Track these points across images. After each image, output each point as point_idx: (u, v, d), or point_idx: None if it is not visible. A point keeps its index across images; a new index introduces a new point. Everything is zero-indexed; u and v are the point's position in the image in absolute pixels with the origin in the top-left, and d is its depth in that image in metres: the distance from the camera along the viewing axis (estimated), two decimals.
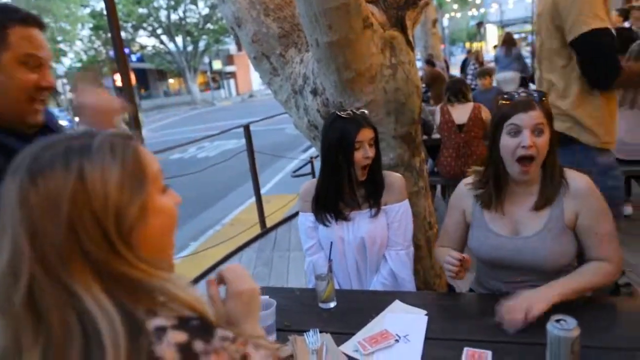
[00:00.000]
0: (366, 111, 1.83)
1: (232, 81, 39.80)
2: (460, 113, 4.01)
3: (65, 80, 24.20)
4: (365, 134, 1.70)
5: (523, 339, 1.28)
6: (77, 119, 1.35)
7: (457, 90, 4.05)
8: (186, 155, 11.72)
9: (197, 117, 22.96)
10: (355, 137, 1.68)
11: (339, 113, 1.74)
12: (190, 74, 31.51)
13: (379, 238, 1.77)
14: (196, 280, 3.84)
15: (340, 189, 1.76)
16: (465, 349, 1.26)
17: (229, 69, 39.03)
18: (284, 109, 2.72)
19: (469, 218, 1.62)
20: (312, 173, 5.33)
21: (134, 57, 31.68)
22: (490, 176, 1.53)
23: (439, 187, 4.78)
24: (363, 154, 1.69)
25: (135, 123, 3.43)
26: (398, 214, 1.79)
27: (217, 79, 38.96)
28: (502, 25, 28.29)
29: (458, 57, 18.19)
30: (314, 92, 2.41)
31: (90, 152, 0.62)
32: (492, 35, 28.71)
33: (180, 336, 0.57)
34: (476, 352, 1.24)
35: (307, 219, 1.87)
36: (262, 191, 4.99)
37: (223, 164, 5.48)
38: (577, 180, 1.47)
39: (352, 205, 1.80)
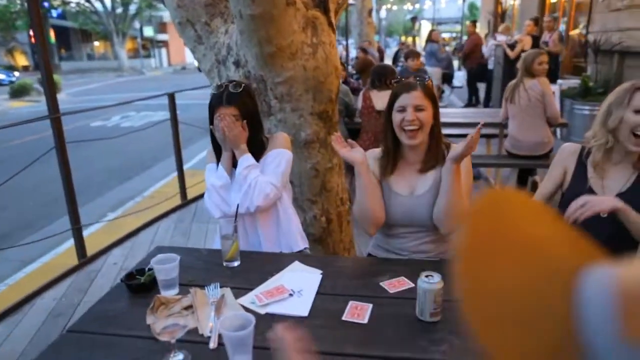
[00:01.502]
0: (243, 84, 1.93)
1: (163, 50, 37.89)
2: (382, 99, 4.18)
3: None
4: (225, 111, 1.85)
5: (397, 296, 1.46)
6: None
7: (381, 75, 4.17)
8: (109, 123, 11.12)
9: (124, 85, 21.73)
10: (216, 112, 1.86)
11: (219, 84, 1.91)
12: (118, 39, 29.57)
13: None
14: (109, 248, 3.76)
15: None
16: (350, 302, 1.41)
17: (161, 37, 37.09)
18: (207, 78, 2.73)
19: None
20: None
21: (54, 13, 29.16)
22: (388, 144, 1.79)
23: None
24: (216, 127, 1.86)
25: (49, 84, 3.26)
26: (270, 157, 1.93)
27: (147, 47, 36.88)
28: (436, 22, 29.41)
29: (393, 49, 18.72)
30: (237, 64, 2.45)
31: None
32: (426, 31, 29.82)
33: None
34: (359, 304, 1.40)
35: (209, 172, 2.00)
36: (189, 165, 4.92)
37: (149, 136, 5.31)
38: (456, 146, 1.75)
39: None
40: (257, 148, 1.94)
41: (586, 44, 7.21)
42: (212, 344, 1.24)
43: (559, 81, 6.84)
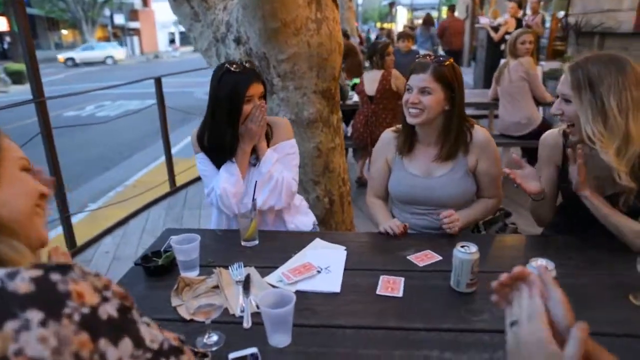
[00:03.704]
0: (256, 65, 1.80)
1: (135, 39, 36.86)
2: (370, 83, 4.13)
3: None
4: (256, 89, 1.71)
5: (426, 269, 1.43)
6: None
7: (374, 52, 4.10)
8: (83, 113, 10.76)
9: (95, 74, 21.07)
10: (246, 92, 1.68)
11: (228, 66, 1.71)
12: (87, 26, 28.61)
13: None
14: (99, 237, 3.64)
15: (225, 137, 1.74)
16: (381, 276, 1.38)
17: (133, 25, 36.05)
18: (203, 58, 2.63)
19: (391, 164, 1.82)
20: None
21: None
22: (404, 123, 1.74)
23: (350, 150, 4.94)
24: (253, 118, 1.70)
25: (33, 68, 3.09)
26: (284, 149, 1.82)
27: (118, 35, 35.81)
28: (412, 8, 29.42)
29: (372, 36, 18.61)
30: (237, 41, 2.37)
31: None
32: (402, 17, 29.80)
33: (35, 272, 0.53)
34: (390, 278, 1.37)
35: (203, 161, 1.83)
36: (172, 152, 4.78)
37: (127, 125, 5.12)
38: (479, 132, 1.72)
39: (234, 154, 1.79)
40: (267, 135, 1.83)
41: (567, 26, 7.31)
42: (246, 324, 1.19)
43: (542, 63, 6.92)
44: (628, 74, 1.36)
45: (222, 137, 1.74)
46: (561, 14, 7.92)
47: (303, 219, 1.95)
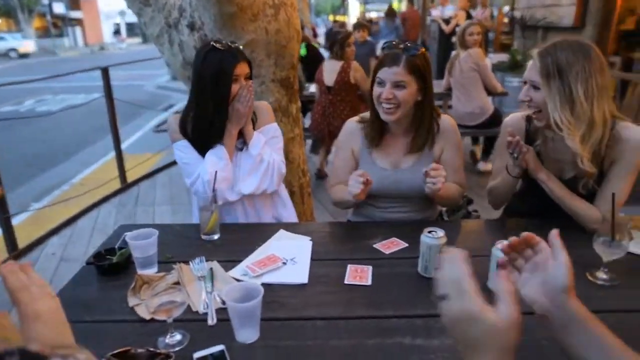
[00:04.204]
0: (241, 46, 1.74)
1: (78, 29, 35.01)
2: (330, 73, 4.10)
3: None
4: (243, 68, 1.64)
5: (393, 256, 1.42)
6: None
7: (334, 43, 4.05)
8: (22, 108, 10.10)
9: (33, 67, 19.86)
10: (234, 70, 1.61)
11: (214, 44, 1.63)
12: (24, 15, 26.89)
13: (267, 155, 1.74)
14: (44, 238, 3.42)
15: (213, 120, 1.67)
16: (349, 265, 1.35)
17: (75, 14, 34.21)
18: (155, 44, 2.50)
19: (357, 155, 1.74)
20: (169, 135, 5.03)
21: None
22: (373, 115, 1.67)
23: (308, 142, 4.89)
24: (240, 98, 1.63)
25: None
26: (268, 133, 1.78)
27: (59, 25, 33.87)
28: (364, 1, 29.61)
29: (322, 30, 18.55)
30: (192, 27, 2.26)
31: None
32: (354, 10, 29.97)
33: None
34: (358, 267, 1.35)
35: (184, 148, 1.74)
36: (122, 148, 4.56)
37: (72, 120, 4.82)
38: (445, 121, 1.70)
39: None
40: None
41: (513, 20, 7.58)
42: (211, 321, 1.13)
43: (490, 55, 7.15)
44: (594, 61, 1.38)
45: (210, 120, 1.65)
46: (506, 8, 8.21)
47: (283, 212, 1.89)
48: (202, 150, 1.70)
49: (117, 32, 39.93)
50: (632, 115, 4.04)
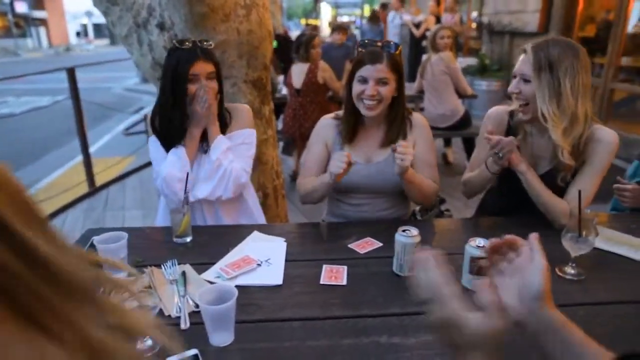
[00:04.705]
0: (212, 44, 1.71)
1: (42, 29, 33.91)
2: (298, 76, 4.10)
3: None
4: (203, 67, 1.61)
5: (368, 256, 1.43)
6: None
7: (300, 45, 4.05)
8: None
9: None
10: (189, 69, 1.59)
11: (176, 42, 1.62)
12: None
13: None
14: None
15: (173, 119, 1.66)
16: (324, 266, 1.35)
17: (38, 14, 33.13)
18: (123, 45, 2.44)
19: (331, 149, 1.76)
20: (147, 131, 4.94)
21: None
22: (348, 113, 1.70)
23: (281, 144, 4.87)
24: (197, 99, 1.61)
25: None
26: (240, 137, 1.75)
27: (21, 25, 32.72)
28: (336, 5, 29.83)
29: (294, 33, 18.54)
30: (161, 27, 2.22)
31: None
32: (327, 14, 30.14)
33: None
34: (333, 267, 1.34)
35: (154, 144, 1.73)
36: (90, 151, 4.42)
37: (37, 123, 4.64)
38: (417, 118, 1.75)
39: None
40: (221, 121, 1.73)
41: (481, 26, 7.77)
42: (184, 325, 1.10)
43: (460, 59, 7.30)
44: (581, 60, 1.46)
45: (170, 119, 1.65)
46: (475, 14, 8.41)
47: (245, 221, 1.85)
48: (167, 147, 1.69)
49: (78, 33, 38.53)
50: None
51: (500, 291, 0.73)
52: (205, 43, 1.66)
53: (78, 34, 38.08)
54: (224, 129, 1.73)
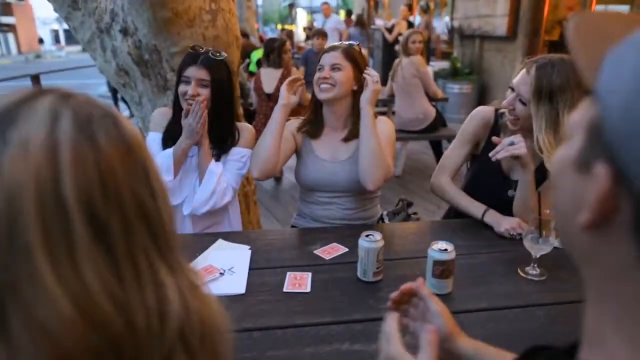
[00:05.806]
0: (224, 54, 1.74)
1: (10, 36, 33.01)
2: (269, 80, 4.06)
3: None
4: (198, 73, 1.64)
5: (333, 262, 1.42)
6: None
7: (271, 51, 4.04)
8: None
9: None
10: (184, 71, 1.67)
11: (190, 48, 1.74)
12: None
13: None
14: None
15: (173, 120, 1.74)
16: (288, 273, 1.33)
17: (6, 20, 32.23)
18: (86, 50, 2.38)
19: (299, 142, 1.80)
20: None
21: None
22: (314, 107, 1.77)
23: None
24: (187, 90, 1.64)
25: None
26: (236, 155, 1.74)
27: None
28: (311, 11, 29.93)
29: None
30: (124, 32, 2.17)
31: None
32: (302, 19, 30.23)
33: None
34: (297, 274, 1.33)
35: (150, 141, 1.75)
36: None
37: None
38: (382, 118, 1.77)
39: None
40: (227, 137, 1.74)
41: (452, 30, 7.90)
42: None
43: (431, 63, 7.40)
44: (581, 88, 1.38)
45: (174, 115, 1.75)
46: (446, 19, 8.55)
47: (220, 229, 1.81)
48: (166, 143, 1.73)
49: (41, 40, 37.37)
50: None
51: (417, 335, 0.79)
52: (217, 54, 1.69)
53: (41, 40, 36.90)
54: (232, 145, 1.75)
